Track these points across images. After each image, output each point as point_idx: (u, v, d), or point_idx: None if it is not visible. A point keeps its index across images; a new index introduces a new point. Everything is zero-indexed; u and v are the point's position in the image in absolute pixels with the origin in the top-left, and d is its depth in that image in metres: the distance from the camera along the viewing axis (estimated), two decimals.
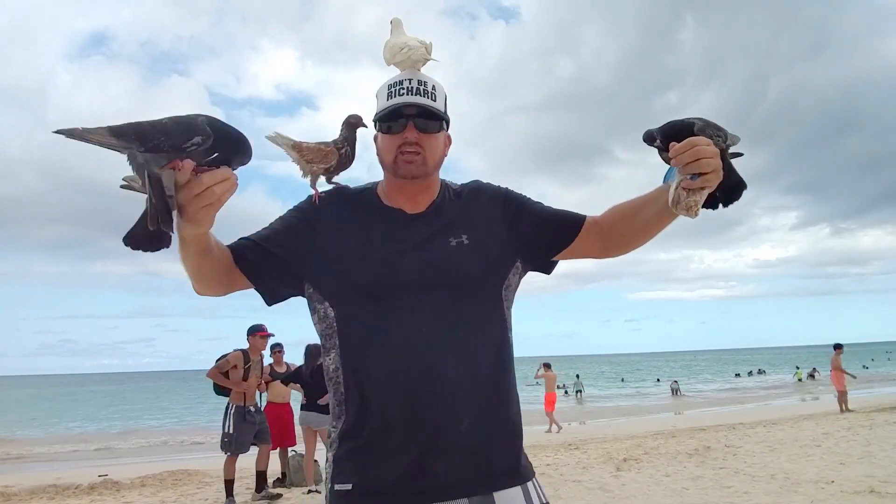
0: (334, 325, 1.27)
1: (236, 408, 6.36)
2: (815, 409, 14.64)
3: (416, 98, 1.29)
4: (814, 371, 35.38)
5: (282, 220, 1.35)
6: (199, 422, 22.86)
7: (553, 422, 13.93)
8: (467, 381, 1.22)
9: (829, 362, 13.76)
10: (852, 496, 5.07)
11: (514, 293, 1.38)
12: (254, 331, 6.71)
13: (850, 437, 8.45)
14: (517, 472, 1.27)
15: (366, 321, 1.24)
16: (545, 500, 1.28)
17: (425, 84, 1.31)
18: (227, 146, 1.05)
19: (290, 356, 7.56)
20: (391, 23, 1.43)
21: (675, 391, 29.33)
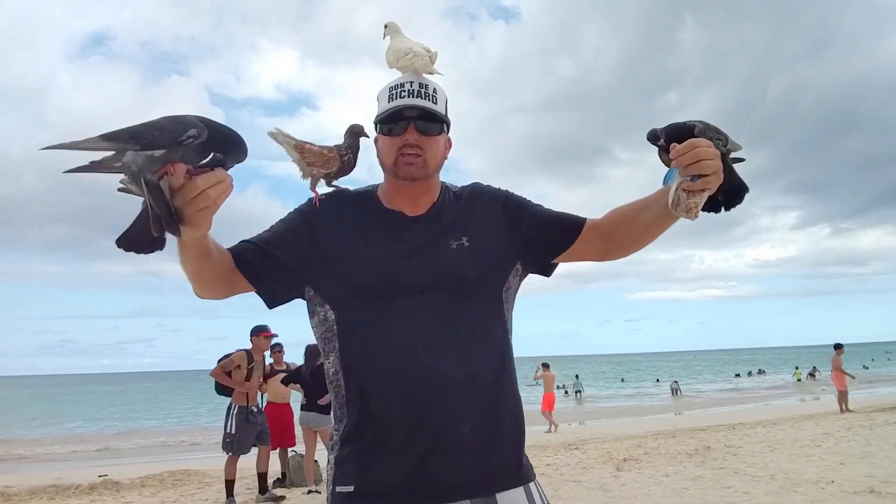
0: (334, 327, 1.27)
1: (239, 408, 6.36)
2: (815, 409, 14.63)
3: (418, 100, 1.29)
4: (814, 370, 35.33)
5: (282, 222, 1.35)
6: (199, 422, 22.85)
7: (550, 421, 13.98)
8: (468, 382, 1.22)
9: (830, 362, 13.77)
10: (852, 496, 5.07)
11: (515, 295, 1.38)
12: (258, 331, 6.70)
13: (851, 437, 8.45)
14: (519, 472, 1.27)
15: (366, 323, 1.24)
16: (547, 502, 1.28)
17: (426, 87, 1.32)
18: (222, 143, 1.04)
19: (290, 356, 7.58)
20: (386, 27, 1.42)
21: (675, 391, 29.28)
